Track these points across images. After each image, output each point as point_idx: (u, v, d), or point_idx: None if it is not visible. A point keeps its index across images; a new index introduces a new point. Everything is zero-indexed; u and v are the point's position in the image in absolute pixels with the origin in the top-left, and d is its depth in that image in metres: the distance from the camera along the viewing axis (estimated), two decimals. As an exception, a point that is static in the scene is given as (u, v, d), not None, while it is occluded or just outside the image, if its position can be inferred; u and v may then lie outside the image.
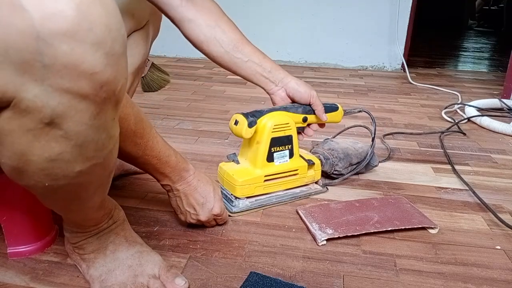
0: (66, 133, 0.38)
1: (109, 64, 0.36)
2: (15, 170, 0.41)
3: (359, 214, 0.76)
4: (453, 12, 4.60)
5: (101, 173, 0.47)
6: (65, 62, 0.33)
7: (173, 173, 0.64)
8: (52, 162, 0.40)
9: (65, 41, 0.33)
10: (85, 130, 0.39)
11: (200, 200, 0.67)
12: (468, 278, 0.62)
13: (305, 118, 0.83)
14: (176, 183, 0.65)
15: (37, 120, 0.36)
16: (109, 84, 0.37)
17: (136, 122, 0.56)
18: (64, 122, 0.37)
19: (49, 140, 0.38)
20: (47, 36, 0.32)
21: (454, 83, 2.01)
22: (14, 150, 0.38)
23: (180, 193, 0.66)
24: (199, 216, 0.68)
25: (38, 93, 0.34)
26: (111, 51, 0.36)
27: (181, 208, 0.68)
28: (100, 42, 0.34)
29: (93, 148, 0.42)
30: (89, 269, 0.58)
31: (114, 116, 0.43)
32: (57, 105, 0.35)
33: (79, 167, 0.42)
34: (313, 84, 1.91)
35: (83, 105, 0.37)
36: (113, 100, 0.39)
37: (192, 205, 0.67)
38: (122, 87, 0.40)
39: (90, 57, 0.34)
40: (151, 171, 0.64)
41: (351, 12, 2.25)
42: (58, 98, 0.35)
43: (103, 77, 0.36)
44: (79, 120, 0.38)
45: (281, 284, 0.59)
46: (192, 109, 1.44)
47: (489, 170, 1.02)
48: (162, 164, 0.62)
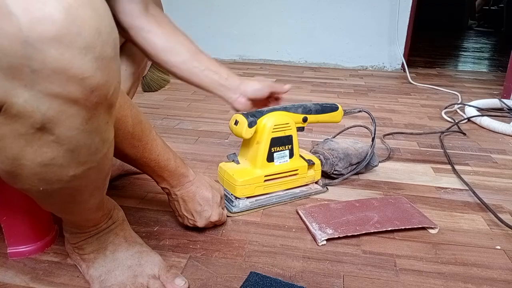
0: (58, 138, 0.38)
1: (99, 68, 0.35)
2: (9, 174, 0.41)
3: (359, 214, 0.76)
4: (453, 13, 4.60)
5: (96, 176, 0.47)
6: (54, 67, 0.33)
7: (171, 178, 0.64)
8: (45, 167, 0.40)
9: (54, 45, 0.32)
10: (77, 135, 0.39)
11: (197, 208, 0.67)
12: (468, 278, 0.62)
13: (305, 118, 0.83)
14: (174, 188, 0.65)
15: (28, 125, 0.36)
16: (100, 89, 0.37)
17: (134, 124, 0.56)
18: (55, 127, 0.37)
19: (41, 145, 0.38)
20: (35, 40, 0.32)
21: (454, 83, 2.01)
22: (7, 155, 0.38)
23: (178, 198, 0.66)
24: (197, 223, 0.68)
25: (28, 98, 0.34)
26: (101, 55, 0.35)
27: (179, 212, 0.68)
28: (89, 46, 0.34)
29: (86, 153, 0.41)
30: (89, 269, 0.58)
31: (107, 120, 0.42)
32: (47, 110, 0.35)
33: (73, 171, 0.42)
34: (313, 84, 1.92)
35: (74, 110, 0.36)
36: (105, 105, 0.39)
37: (189, 211, 0.67)
38: (114, 91, 0.39)
39: (79, 62, 0.34)
40: (149, 173, 0.63)
41: (351, 12, 2.25)
42: (48, 103, 0.35)
43: (94, 82, 0.36)
44: (70, 125, 0.37)
45: (281, 284, 0.59)
46: (192, 109, 1.44)
47: (489, 170, 1.02)
48: (160, 167, 0.62)
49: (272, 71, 2.17)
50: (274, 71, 2.18)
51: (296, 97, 1.65)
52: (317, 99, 1.63)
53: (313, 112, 0.84)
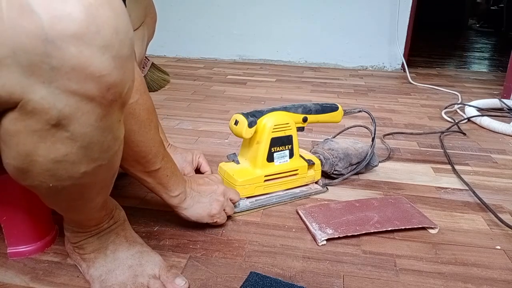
0: (72, 134, 0.38)
1: (116, 67, 0.36)
2: (19, 170, 0.41)
3: (359, 214, 0.76)
4: (453, 13, 4.60)
5: (106, 174, 0.47)
6: (73, 64, 0.34)
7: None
8: (58, 163, 0.40)
9: (73, 43, 0.33)
10: (91, 132, 0.39)
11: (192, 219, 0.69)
12: (468, 278, 0.62)
13: (305, 118, 0.83)
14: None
15: (44, 121, 0.36)
16: (116, 87, 0.37)
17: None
18: (70, 124, 0.37)
19: (55, 142, 0.38)
20: (55, 38, 0.32)
21: (454, 83, 2.01)
22: (19, 151, 0.38)
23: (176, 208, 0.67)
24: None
25: (45, 94, 0.34)
26: (118, 54, 0.36)
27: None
28: (108, 45, 0.35)
29: (99, 150, 0.42)
30: (89, 269, 0.58)
31: (119, 118, 0.43)
32: (63, 107, 0.36)
33: (84, 168, 0.42)
34: (313, 84, 1.92)
35: (90, 107, 0.37)
36: (119, 102, 0.40)
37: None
38: (128, 89, 0.40)
39: (98, 60, 0.34)
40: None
41: (351, 12, 2.25)
42: (65, 100, 0.35)
43: (110, 80, 0.36)
44: (85, 122, 0.38)
45: (281, 284, 0.59)
46: (192, 109, 1.44)
47: (489, 170, 1.02)
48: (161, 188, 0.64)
49: (272, 71, 2.16)
50: (274, 71, 2.18)
51: (296, 97, 1.65)
52: (317, 99, 1.63)
53: (313, 112, 0.84)
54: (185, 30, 2.40)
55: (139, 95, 0.56)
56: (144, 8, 0.77)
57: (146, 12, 0.81)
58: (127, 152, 0.56)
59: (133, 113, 0.55)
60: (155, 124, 0.59)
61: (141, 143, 0.57)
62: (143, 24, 0.82)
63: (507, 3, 4.39)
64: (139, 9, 0.78)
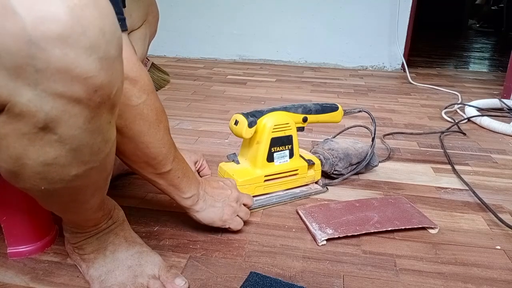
0: (61, 137, 0.38)
1: (103, 68, 0.36)
2: (11, 173, 0.41)
3: (359, 214, 0.76)
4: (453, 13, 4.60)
5: (98, 176, 0.47)
6: (58, 66, 0.33)
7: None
8: (48, 166, 0.40)
9: (58, 45, 0.32)
10: (80, 134, 0.39)
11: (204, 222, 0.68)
12: (468, 278, 0.62)
13: (305, 118, 0.83)
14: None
15: (31, 124, 0.36)
16: (104, 88, 0.37)
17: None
18: (58, 127, 0.37)
19: (44, 145, 0.38)
20: (39, 40, 0.32)
21: (454, 83, 2.01)
22: (10, 154, 0.38)
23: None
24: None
25: (31, 97, 0.34)
26: (105, 55, 0.35)
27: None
28: (93, 46, 0.34)
29: (89, 152, 0.41)
30: (89, 269, 0.58)
31: (110, 119, 0.42)
32: (50, 110, 0.35)
33: (75, 171, 0.42)
34: (313, 84, 1.92)
35: (77, 109, 0.36)
36: (108, 104, 0.39)
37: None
38: (117, 90, 0.39)
39: (84, 61, 0.34)
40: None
41: (351, 12, 2.25)
42: (51, 102, 0.35)
43: (97, 82, 0.36)
44: (73, 125, 0.37)
45: (281, 284, 0.59)
46: (192, 109, 1.44)
47: (489, 170, 1.02)
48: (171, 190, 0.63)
49: (272, 71, 2.17)
50: (274, 71, 2.18)
51: (296, 97, 1.65)
52: (317, 99, 1.63)
53: (313, 112, 0.84)
54: (185, 30, 2.40)
55: (147, 95, 0.54)
56: (146, 6, 0.76)
57: (148, 11, 0.80)
58: (136, 154, 0.56)
59: (141, 114, 0.54)
60: (164, 125, 0.58)
61: (150, 144, 0.56)
62: (145, 23, 0.82)
63: (507, 3, 4.39)
64: (140, 8, 0.78)
